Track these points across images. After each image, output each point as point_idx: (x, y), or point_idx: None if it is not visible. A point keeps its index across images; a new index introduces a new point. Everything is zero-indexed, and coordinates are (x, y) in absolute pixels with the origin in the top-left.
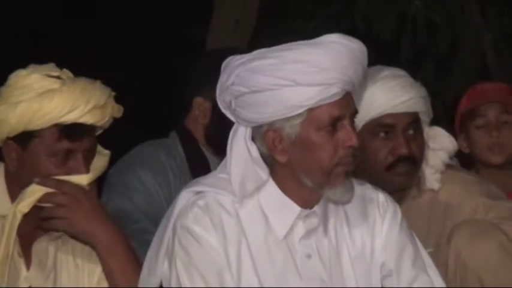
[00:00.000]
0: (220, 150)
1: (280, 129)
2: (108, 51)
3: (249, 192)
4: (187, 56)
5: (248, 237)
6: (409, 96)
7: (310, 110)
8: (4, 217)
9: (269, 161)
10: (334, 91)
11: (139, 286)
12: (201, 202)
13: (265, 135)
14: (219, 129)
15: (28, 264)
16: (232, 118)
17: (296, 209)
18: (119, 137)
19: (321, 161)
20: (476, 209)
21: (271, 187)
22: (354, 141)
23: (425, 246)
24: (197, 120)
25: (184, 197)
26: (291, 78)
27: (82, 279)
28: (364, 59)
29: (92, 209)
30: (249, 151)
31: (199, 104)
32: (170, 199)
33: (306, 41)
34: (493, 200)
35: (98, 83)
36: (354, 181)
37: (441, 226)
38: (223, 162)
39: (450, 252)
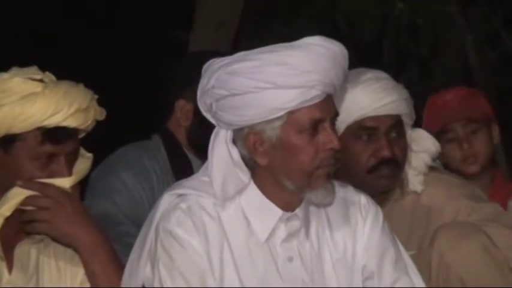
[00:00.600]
0: (203, 153)
1: (261, 132)
2: (92, 52)
3: (230, 195)
4: (170, 57)
5: (230, 240)
6: (392, 98)
7: (291, 113)
8: None
9: (250, 163)
10: (314, 93)
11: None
12: (183, 205)
13: (246, 138)
14: (201, 132)
15: (10, 268)
16: (213, 121)
17: (278, 212)
18: (101, 140)
19: (302, 164)
20: (459, 211)
21: (253, 190)
22: (335, 144)
23: (408, 248)
24: (179, 122)
25: (167, 199)
26: (271, 81)
27: (64, 281)
28: (345, 62)
29: (74, 212)
30: (230, 154)
31: (181, 106)
32: (153, 201)
33: (286, 44)
34: (475, 202)
35: (81, 86)
36: (336, 183)
37: (424, 228)
38: (205, 164)
39: (433, 254)
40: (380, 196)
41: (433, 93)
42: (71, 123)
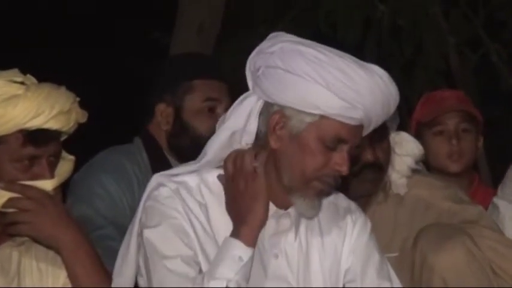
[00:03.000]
0: (183, 157)
1: (288, 118)
2: (72, 53)
3: (219, 158)
4: (151, 60)
5: (216, 228)
6: None
7: (324, 118)
8: None
9: (261, 142)
10: (353, 115)
11: (113, 276)
12: (172, 185)
13: (271, 115)
14: (180, 136)
15: None
16: (249, 84)
17: (271, 207)
18: (83, 142)
19: (305, 167)
20: (442, 213)
21: None
22: (344, 169)
23: (390, 250)
24: (160, 126)
25: (155, 180)
26: (326, 80)
27: (46, 283)
28: (392, 109)
29: (56, 214)
30: (247, 120)
31: (162, 110)
32: (134, 205)
33: (356, 59)
34: (458, 204)
35: (63, 89)
36: None
37: (407, 230)
38: (191, 163)
39: (416, 256)
40: (363, 199)
41: (415, 95)
42: (52, 125)
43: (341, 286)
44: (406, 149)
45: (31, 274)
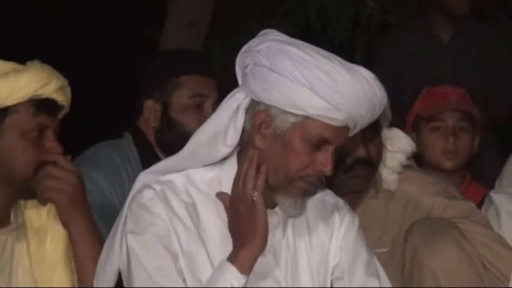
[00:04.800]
0: (170, 153)
1: (273, 117)
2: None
3: (200, 155)
4: (141, 56)
5: (203, 223)
6: None
7: (307, 118)
8: None
9: (245, 138)
10: (336, 116)
11: (96, 272)
12: (157, 186)
13: (257, 113)
14: (167, 133)
15: None
16: (239, 80)
17: None
18: (73, 138)
19: (289, 166)
20: (432, 208)
21: (234, 168)
22: (328, 170)
23: (381, 246)
24: (148, 122)
25: (141, 179)
26: (310, 81)
27: (43, 258)
28: (379, 111)
29: (80, 193)
30: (234, 115)
31: (150, 107)
32: (124, 200)
33: (342, 60)
34: (449, 199)
35: None
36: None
37: (398, 225)
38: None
39: (407, 250)
40: (354, 195)
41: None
42: (58, 97)
43: (329, 283)
44: (398, 145)
45: (23, 263)
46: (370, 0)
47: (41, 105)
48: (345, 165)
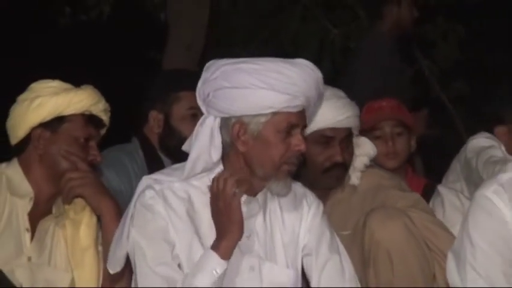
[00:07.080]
0: (172, 155)
1: (246, 124)
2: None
3: (197, 171)
4: (146, 74)
5: (198, 216)
6: (348, 114)
7: (274, 114)
8: (22, 196)
9: (227, 150)
10: (297, 103)
11: (110, 251)
12: (157, 186)
13: (232, 127)
14: (170, 138)
15: (32, 238)
16: (203, 110)
17: (243, 196)
18: None
19: (272, 157)
20: (387, 198)
21: (220, 169)
22: (302, 147)
23: (345, 229)
24: (152, 130)
25: (144, 182)
26: (269, 83)
27: (76, 243)
28: (321, 86)
29: (100, 183)
30: (211, 137)
31: (154, 116)
32: (131, 193)
33: (284, 59)
34: (401, 191)
35: None
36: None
37: (359, 212)
38: (177, 165)
39: (366, 233)
40: (326, 190)
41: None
42: (102, 115)
43: (299, 258)
44: (363, 149)
45: (60, 245)
46: (333, 28)
47: (91, 119)
48: (324, 167)
